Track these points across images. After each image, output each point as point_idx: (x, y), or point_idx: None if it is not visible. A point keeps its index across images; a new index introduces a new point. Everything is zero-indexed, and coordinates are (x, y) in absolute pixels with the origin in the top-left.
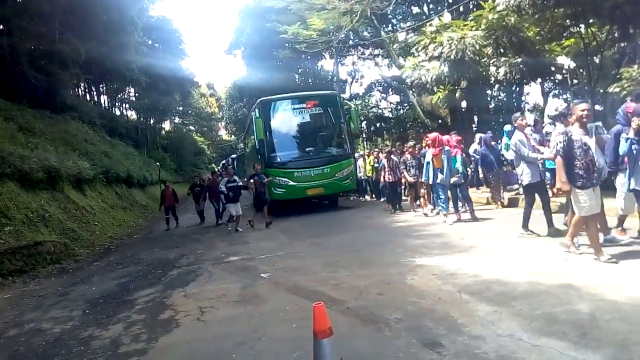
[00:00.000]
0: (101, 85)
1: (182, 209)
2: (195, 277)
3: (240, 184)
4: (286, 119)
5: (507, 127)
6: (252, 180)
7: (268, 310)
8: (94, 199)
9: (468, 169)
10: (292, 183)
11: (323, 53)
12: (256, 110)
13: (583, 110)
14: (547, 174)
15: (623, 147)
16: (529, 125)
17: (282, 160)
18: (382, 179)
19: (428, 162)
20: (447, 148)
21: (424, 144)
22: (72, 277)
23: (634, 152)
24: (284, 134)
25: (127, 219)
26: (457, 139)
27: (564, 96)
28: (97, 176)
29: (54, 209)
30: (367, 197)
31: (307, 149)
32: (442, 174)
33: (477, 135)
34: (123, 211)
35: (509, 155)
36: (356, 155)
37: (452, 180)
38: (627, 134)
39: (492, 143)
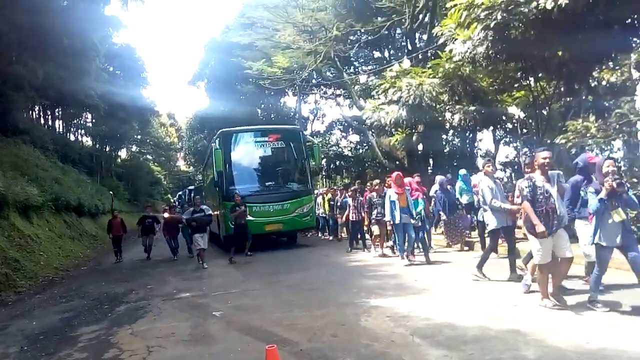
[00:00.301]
0: (57, 110)
1: (132, 241)
2: (144, 313)
3: (210, 213)
4: (247, 152)
5: (462, 171)
6: (235, 210)
7: (219, 351)
8: (40, 227)
9: (430, 211)
10: (250, 218)
11: (286, 90)
12: (216, 141)
13: (545, 158)
14: None
15: (593, 205)
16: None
17: (241, 194)
18: (344, 217)
19: (393, 201)
20: (407, 189)
21: (386, 184)
22: (12, 310)
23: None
24: (244, 166)
25: (75, 250)
26: (417, 181)
27: (514, 144)
28: (46, 203)
29: None
30: (326, 235)
31: (267, 184)
32: (406, 214)
33: (437, 178)
34: (71, 241)
35: (464, 199)
36: (315, 192)
37: (412, 222)
38: (588, 187)
39: (448, 186)
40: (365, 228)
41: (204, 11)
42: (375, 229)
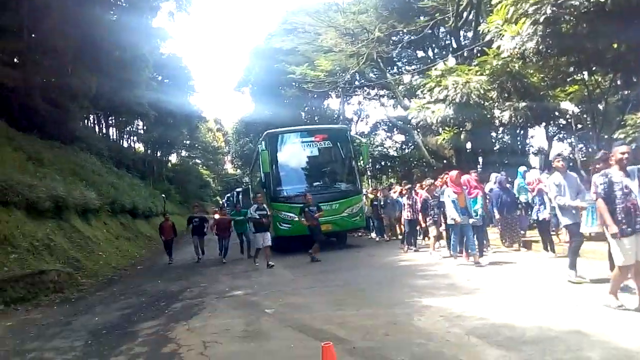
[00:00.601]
0: (110, 118)
1: (184, 242)
2: (198, 310)
3: (269, 213)
4: (293, 153)
5: (522, 168)
6: (306, 211)
7: (273, 348)
8: (99, 229)
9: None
10: (297, 218)
11: (329, 92)
12: (263, 142)
13: (623, 153)
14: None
15: None
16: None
17: (289, 194)
18: (399, 217)
19: (454, 201)
20: (464, 188)
21: (441, 182)
22: (75, 306)
23: None
24: (291, 167)
25: (131, 250)
26: (476, 178)
27: (569, 140)
28: (103, 206)
29: (59, 238)
30: (373, 235)
31: (314, 184)
32: (465, 214)
33: (493, 175)
34: (127, 242)
35: (522, 198)
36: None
37: (471, 221)
38: None
39: (507, 185)
40: (419, 228)
41: (248, 19)
42: (433, 231)
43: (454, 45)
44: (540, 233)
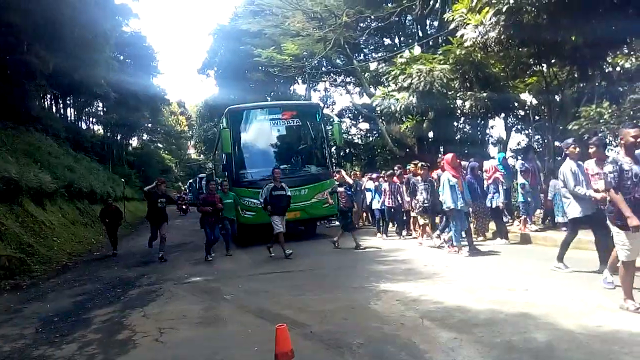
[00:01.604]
0: (68, 98)
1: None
2: (155, 297)
3: (289, 194)
4: (259, 131)
5: (501, 155)
6: (340, 191)
7: (230, 333)
8: (54, 213)
9: None
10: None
11: (296, 78)
12: (224, 119)
13: (635, 136)
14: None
15: None
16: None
17: (253, 179)
18: (378, 203)
19: (453, 186)
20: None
21: (412, 170)
22: (26, 293)
23: None
24: (255, 148)
25: (88, 236)
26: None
27: (526, 131)
28: (59, 190)
29: (11, 222)
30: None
31: (282, 167)
32: (464, 200)
33: (465, 163)
34: (84, 227)
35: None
36: None
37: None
38: None
39: (479, 172)
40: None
41: None
42: (421, 219)
43: (420, 34)
44: (494, 220)
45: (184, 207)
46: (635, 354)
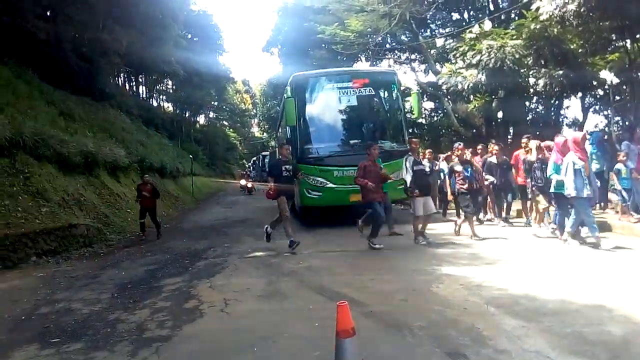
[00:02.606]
0: (140, 76)
1: (212, 201)
2: (221, 269)
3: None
4: (327, 101)
5: (591, 131)
6: (458, 170)
7: (291, 307)
8: (127, 186)
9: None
10: (330, 185)
11: (359, 55)
12: (289, 88)
13: None
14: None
15: None
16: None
17: (319, 155)
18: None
19: (579, 170)
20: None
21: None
22: (103, 260)
23: None
24: (323, 120)
25: (159, 209)
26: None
27: (605, 112)
28: (132, 164)
29: (89, 193)
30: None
31: (352, 142)
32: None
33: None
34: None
35: (593, 167)
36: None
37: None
38: None
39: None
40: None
41: None
42: (542, 200)
43: (491, 8)
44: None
45: (248, 185)
46: None
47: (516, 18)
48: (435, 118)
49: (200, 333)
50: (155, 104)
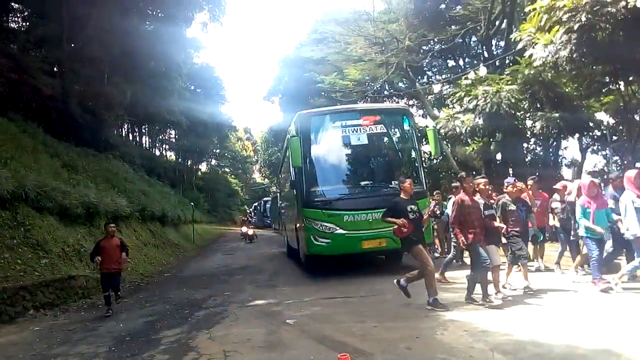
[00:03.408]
0: (144, 127)
1: (214, 249)
2: (221, 319)
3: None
4: (335, 140)
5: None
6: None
7: (293, 358)
8: (128, 235)
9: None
10: (340, 231)
11: (358, 102)
12: (293, 126)
13: None
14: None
15: None
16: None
17: (327, 198)
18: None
19: (638, 208)
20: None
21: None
22: (101, 312)
23: None
24: (330, 160)
25: (159, 257)
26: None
27: (603, 152)
28: (133, 213)
29: (89, 243)
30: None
31: (363, 183)
32: None
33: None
34: (155, 249)
35: None
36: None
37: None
38: None
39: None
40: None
41: (279, 29)
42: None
43: (485, 55)
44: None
45: (249, 232)
46: None
47: (510, 64)
48: (435, 161)
49: None
50: (157, 153)
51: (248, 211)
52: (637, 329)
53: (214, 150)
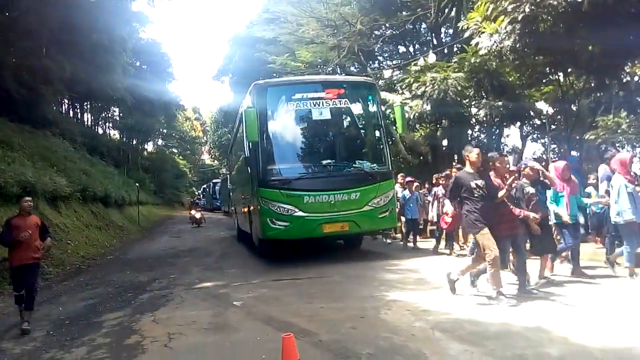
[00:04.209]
0: (85, 103)
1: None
2: (166, 302)
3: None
4: (294, 114)
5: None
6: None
7: (239, 340)
8: (68, 216)
9: None
10: (300, 213)
11: None
12: (249, 97)
13: None
14: None
15: None
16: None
17: (286, 177)
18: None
19: (631, 194)
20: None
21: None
22: (39, 296)
23: None
24: (290, 136)
25: (102, 239)
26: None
27: (542, 140)
28: (74, 194)
29: None
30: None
31: (325, 162)
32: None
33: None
34: (98, 231)
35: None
36: None
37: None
38: None
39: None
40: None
41: (229, 7)
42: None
43: (435, 42)
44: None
45: (197, 216)
46: None
47: (458, 52)
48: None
49: None
50: (100, 131)
51: (197, 193)
52: (561, 307)
53: (161, 130)
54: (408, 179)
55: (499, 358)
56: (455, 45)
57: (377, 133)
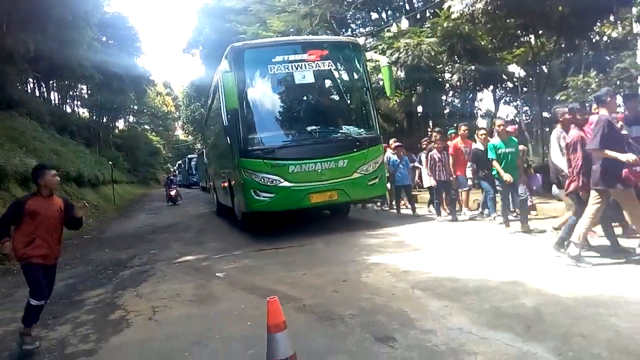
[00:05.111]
0: (51, 82)
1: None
2: (147, 277)
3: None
4: (276, 78)
5: None
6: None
7: (223, 309)
8: None
9: None
10: (285, 184)
11: None
12: (226, 61)
13: None
14: None
15: None
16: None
17: (269, 146)
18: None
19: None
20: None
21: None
22: (18, 277)
23: None
24: (271, 102)
25: None
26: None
27: (515, 103)
28: None
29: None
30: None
31: (310, 128)
32: None
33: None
34: None
35: None
36: None
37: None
38: None
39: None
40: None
41: None
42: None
43: (407, 7)
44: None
45: (172, 193)
46: (620, 316)
47: (431, 17)
48: None
49: (127, 343)
50: (69, 110)
51: (171, 170)
52: (537, 262)
53: (132, 107)
54: (397, 143)
55: (477, 311)
56: (427, 10)
57: (364, 96)
